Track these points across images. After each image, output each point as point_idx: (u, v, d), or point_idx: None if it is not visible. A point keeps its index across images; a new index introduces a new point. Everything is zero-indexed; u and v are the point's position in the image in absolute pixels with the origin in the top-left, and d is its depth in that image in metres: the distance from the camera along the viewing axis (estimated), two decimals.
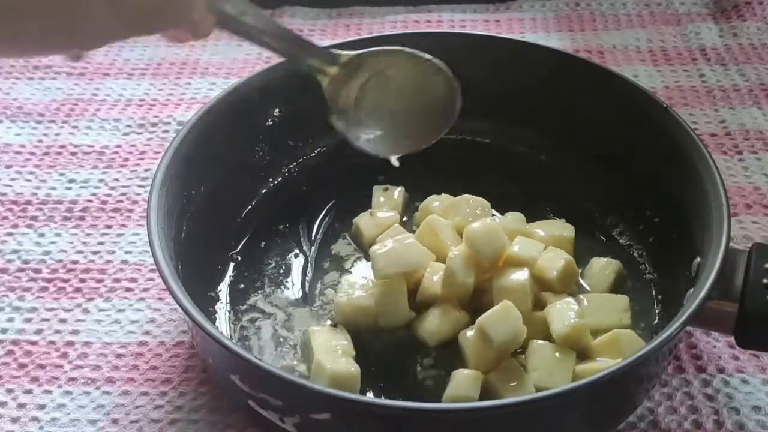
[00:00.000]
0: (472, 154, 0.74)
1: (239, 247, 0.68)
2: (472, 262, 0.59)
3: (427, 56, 0.58)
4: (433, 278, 0.61)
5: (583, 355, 0.58)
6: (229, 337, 0.60)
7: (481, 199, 0.67)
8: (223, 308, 0.63)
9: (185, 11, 0.42)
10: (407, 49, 0.58)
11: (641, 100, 0.65)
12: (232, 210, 0.69)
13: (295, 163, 0.73)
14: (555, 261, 0.61)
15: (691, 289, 0.53)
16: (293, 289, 0.65)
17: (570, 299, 0.59)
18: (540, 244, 0.62)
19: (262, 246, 0.68)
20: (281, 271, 0.66)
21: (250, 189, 0.71)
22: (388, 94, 0.58)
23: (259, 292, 0.65)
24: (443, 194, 0.69)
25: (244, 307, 0.63)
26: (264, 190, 0.72)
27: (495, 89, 0.73)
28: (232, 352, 0.48)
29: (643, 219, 0.66)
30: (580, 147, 0.71)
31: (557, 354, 0.56)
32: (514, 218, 0.67)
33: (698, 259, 0.55)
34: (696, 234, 0.57)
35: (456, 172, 0.72)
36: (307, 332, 0.59)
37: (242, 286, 0.65)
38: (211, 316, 0.62)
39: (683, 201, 0.60)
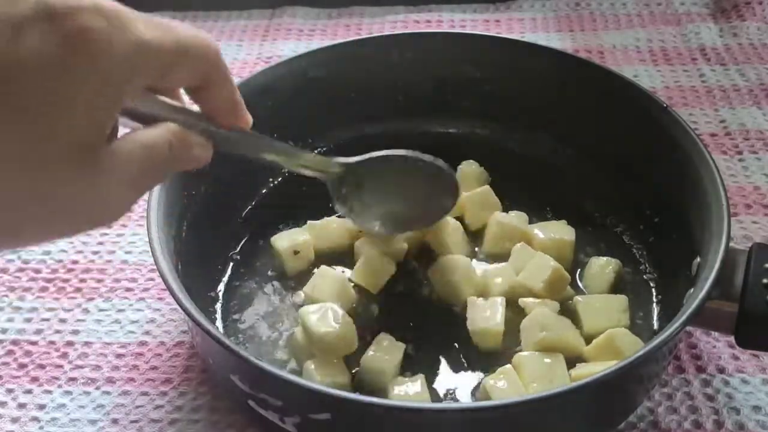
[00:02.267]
0: (472, 153, 0.74)
1: (239, 247, 0.68)
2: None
3: (425, 157, 0.58)
4: None
5: (581, 358, 0.58)
6: (228, 337, 0.60)
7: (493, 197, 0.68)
8: (223, 308, 0.63)
9: (182, 153, 0.43)
10: (402, 152, 0.58)
11: (641, 100, 0.65)
12: (233, 210, 0.69)
13: None
14: (542, 270, 0.61)
15: (691, 289, 0.53)
16: (293, 289, 0.65)
17: (545, 309, 0.59)
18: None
19: (262, 246, 0.68)
20: (281, 271, 0.66)
21: (251, 189, 0.71)
22: (386, 192, 0.58)
23: (259, 292, 0.65)
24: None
25: (244, 307, 0.63)
26: (264, 190, 0.72)
27: (495, 89, 0.73)
28: (232, 352, 0.48)
29: (643, 219, 0.66)
30: (581, 147, 0.71)
31: (546, 360, 0.56)
32: (518, 217, 0.67)
33: (698, 259, 0.55)
34: (696, 234, 0.57)
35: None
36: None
37: (242, 286, 0.65)
38: (211, 316, 0.62)
39: (683, 201, 0.60)
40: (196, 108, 0.45)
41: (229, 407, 0.58)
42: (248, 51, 0.96)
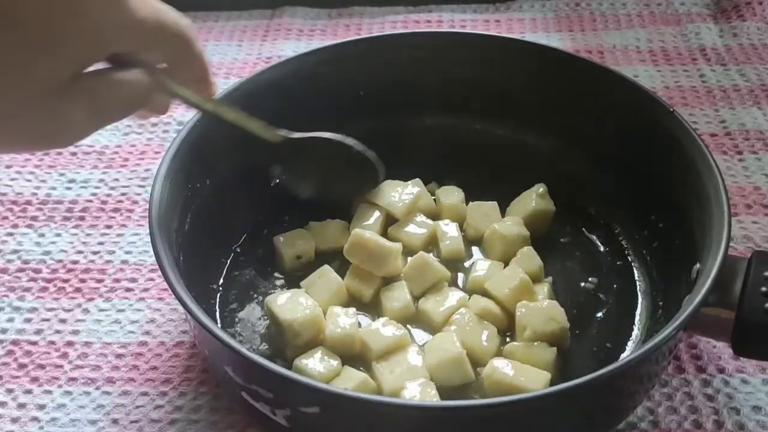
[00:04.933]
0: (475, 154, 0.74)
1: (242, 240, 0.68)
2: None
3: (348, 143, 0.65)
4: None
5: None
6: (226, 328, 0.61)
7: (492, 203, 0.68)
8: (222, 299, 0.63)
9: (147, 100, 0.49)
10: (333, 138, 0.65)
11: (646, 103, 0.65)
12: (237, 204, 0.69)
13: None
14: (510, 280, 0.61)
15: (689, 295, 0.53)
16: (293, 281, 0.64)
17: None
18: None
19: (265, 236, 0.68)
20: (282, 265, 0.66)
21: (256, 183, 0.71)
22: (317, 166, 0.65)
23: (259, 283, 0.65)
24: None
25: (243, 297, 0.64)
26: (270, 185, 0.72)
27: (501, 89, 0.73)
28: (224, 344, 0.48)
29: (648, 224, 0.66)
30: (586, 149, 0.71)
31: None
32: (513, 221, 0.67)
33: (698, 265, 0.55)
34: (697, 239, 0.57)
35: (459, 172, 0.72)
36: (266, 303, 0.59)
37: (242, 275, 0.65)
38: (212, 308, 0.62)
39: (686, 206, 0.60)
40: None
41: (229, 407, 0.58)
42: (248, 51, 0.96)
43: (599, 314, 0.63)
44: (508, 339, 0.60)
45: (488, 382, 0.55)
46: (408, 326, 0.61)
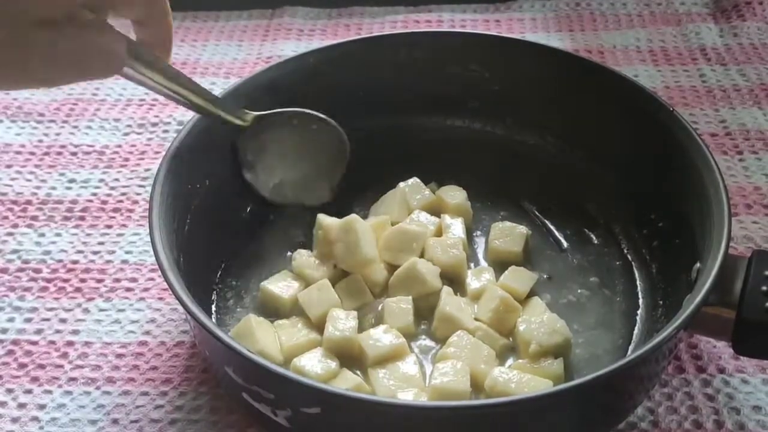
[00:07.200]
0: (475, 153, 0.74)
1: (243, 240, 0.68)
2: None
3: (319, 115, 0.67)
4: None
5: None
6: (224, 327, 0.61)
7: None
8: (222, 300, 0.64)
9: (108, 71, 0.51)
10: (303, 110, 0.67)
11: (646, 103, 0.65)
12: (238, 204, 0.69)
13: None
14: (491, 301, 0.61)
15: (690, 294, 0.53)
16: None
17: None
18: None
19: (265, 240, 0.68)
20: (286, 265, 0.66)
21: None
22: (285, 155, 0.67)
23: (257, 285, 0.64)
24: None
25: (247, 299, 0.64)
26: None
27: (503, 89, 0.73)
28: (222, 342, 0.48)
29: (648, 223, 0.66)
30: (585, 149, 0.71)
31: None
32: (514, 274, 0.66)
33: (698, 265, 0.55)
34: (698, 239, 0.57)
35: (459, 172, 0.72)
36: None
37: (242, 277, 0.65)
38: (212, 308, 0.63)
39: (686, 206, 0.60)
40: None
41: (229, 407, 0.58)
42: (248, 51, 0.96)
43: (599, 314, 0.63)
44: (511, 358, 0.59)
45: (492, 393, 0.55)
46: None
